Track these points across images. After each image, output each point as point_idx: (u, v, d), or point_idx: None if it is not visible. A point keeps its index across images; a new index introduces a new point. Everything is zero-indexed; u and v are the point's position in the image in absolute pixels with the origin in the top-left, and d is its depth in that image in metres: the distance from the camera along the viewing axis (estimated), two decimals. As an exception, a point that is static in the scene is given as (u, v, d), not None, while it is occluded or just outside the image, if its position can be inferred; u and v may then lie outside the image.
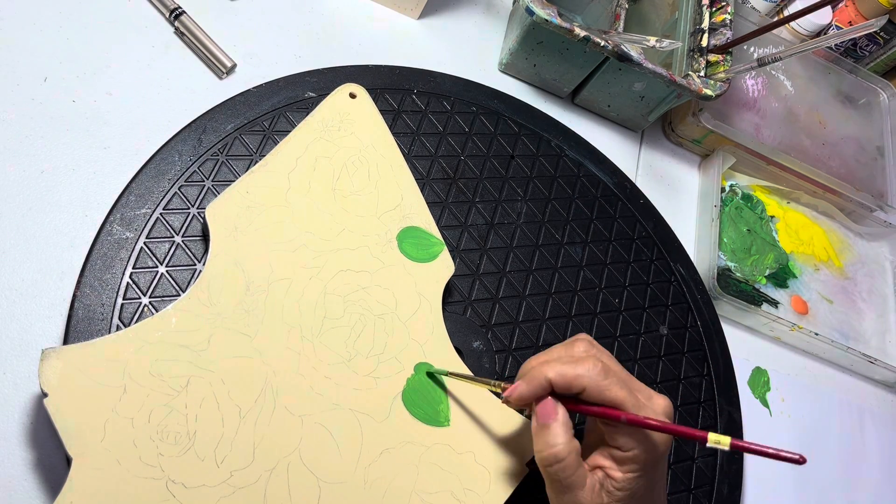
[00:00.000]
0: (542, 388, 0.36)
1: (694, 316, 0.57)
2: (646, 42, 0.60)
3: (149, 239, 0.43)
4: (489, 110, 0.58)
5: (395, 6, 0.62)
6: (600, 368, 0.35)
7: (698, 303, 0.58)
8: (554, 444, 0.35)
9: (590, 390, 0.35)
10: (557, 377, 0.35)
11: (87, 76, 0.49)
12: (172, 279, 0.43)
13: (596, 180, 0.59)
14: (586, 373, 0.35)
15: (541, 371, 0.36)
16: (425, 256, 0.48)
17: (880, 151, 0.76)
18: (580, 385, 0.35)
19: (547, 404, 0.36)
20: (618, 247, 0.57)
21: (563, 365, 0.36)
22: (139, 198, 0.44)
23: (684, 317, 0.57)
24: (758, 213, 0.68)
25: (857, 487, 0.60)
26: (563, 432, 0.35)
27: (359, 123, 0.50)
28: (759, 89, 0.74)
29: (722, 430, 0.53)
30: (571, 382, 0.35)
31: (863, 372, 0.66)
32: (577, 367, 0.35)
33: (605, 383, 0.35)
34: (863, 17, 0.79)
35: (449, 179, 0.54)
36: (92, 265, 0.41)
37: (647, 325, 0.55)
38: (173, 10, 0.53)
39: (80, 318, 0.40)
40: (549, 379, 0.36)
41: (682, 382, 0.54)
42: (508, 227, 0.54)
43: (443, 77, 0.58)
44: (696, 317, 0.57)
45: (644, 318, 0.55)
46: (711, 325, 0.57)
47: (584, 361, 0.36)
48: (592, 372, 0.35)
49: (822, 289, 0.68)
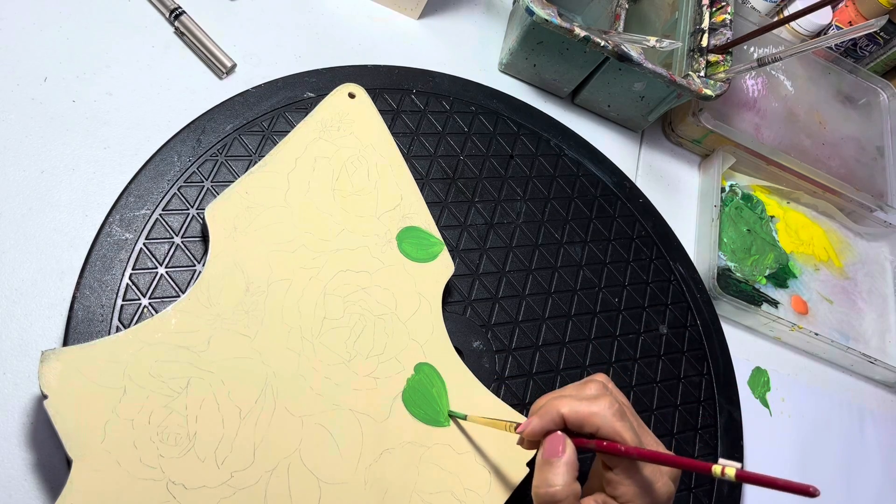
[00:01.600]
0: (553, 423, 0.35)
1: (693, 315, 0.57)
2: (646, 42, 0.59)
3: (148, 240, 0.43)
4: (488, 110, 0.58)
5: (395, 6, 0.62)
6: (616, 409, 0.34)
7: (698, 302, 0.58)
8: (552, 485, 0.33)
9: (603, 430, 0.33)
10: (570, 413, 0.34)
11: (87, 76, 0.49)
12: (172, 280, 0.43)
13: (595, 179, 0.59)
14: (601, 411, 0.34)
15: (554, 405, 0.35)
16: (425, 256, 0.48)
17: (880, 151, 0.76)
18: (594, 424, 0.34)
19: (555, 439, 0.34)
20: (617, 246, 0.57)
21: (578, 402, 0.34)
22: (138, 198, 0.44)
23: (684, 316, 0.57)
24: (758, 213, 0.68)
25: (857, 487, 0.60)
26: (565, 472, 0.33)
27: (358, 123, 0.50)
28: (759, 89, 0.74)
29: (722, 430, 0.53)
30: (585, 420, 0.34)
31: (863, 372, 0.66)
32: (592, 405, 0.34)
33: (619, 426, 0.33)
34: (863, 17, 0.79)
35: (448, 179, 0.54)
36: (91, 266, 0.41)
37: (646, 325, 0.55)
38: (173, 10, 0.53)
39: (80, 320, 0.40)
40: (561, 414, 0.34)
41: (681, 381, 0.54)
42: (508, 227, 0.54)
43: (442, 77, 0.58)
44: (696, 316, 0.57)
45: (644, 317, 0.55)
46: (711, 325, 0.57)
47: (600, 400, 0.34)
48: (608, 412, 0.34)
49: (822, 289, 0.68)
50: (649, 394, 0.52)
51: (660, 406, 0.52)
